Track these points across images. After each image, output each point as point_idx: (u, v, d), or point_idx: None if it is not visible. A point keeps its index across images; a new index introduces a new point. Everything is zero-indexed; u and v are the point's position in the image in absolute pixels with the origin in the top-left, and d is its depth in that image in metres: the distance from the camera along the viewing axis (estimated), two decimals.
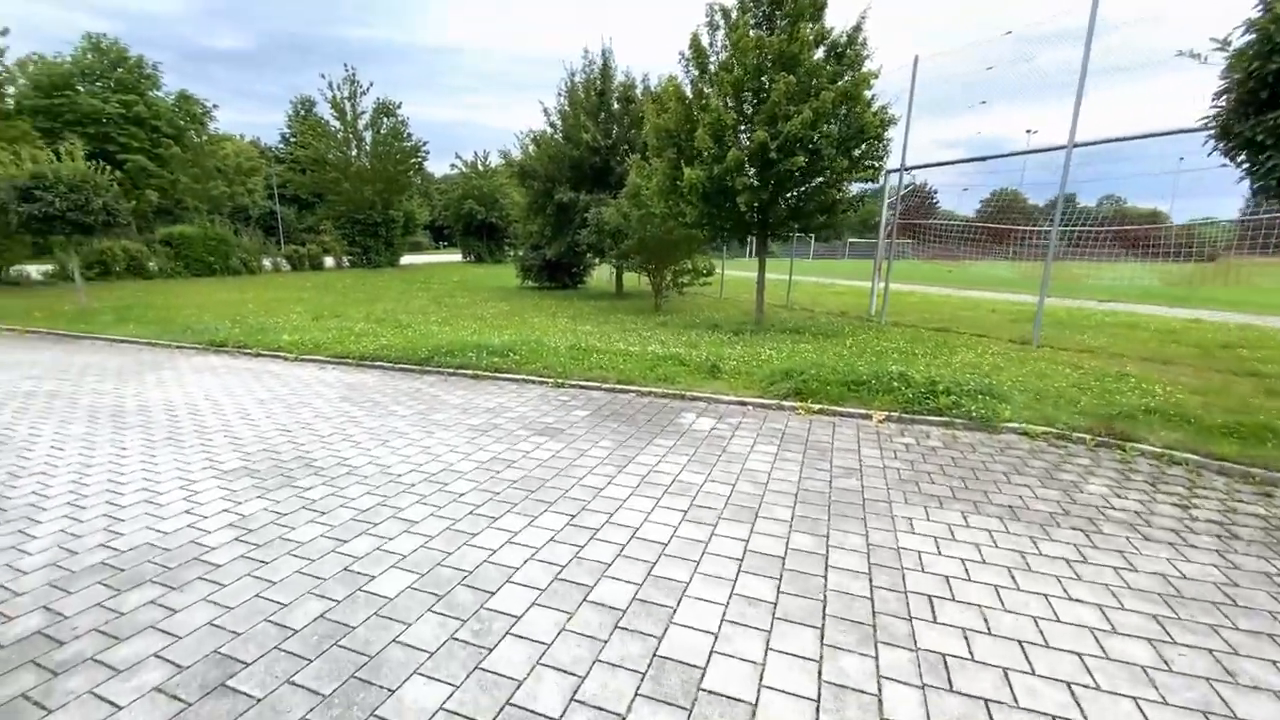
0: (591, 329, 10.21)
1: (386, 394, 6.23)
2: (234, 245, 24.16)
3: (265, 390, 6.41)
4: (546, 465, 4.21)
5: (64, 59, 29.66)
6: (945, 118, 10.00)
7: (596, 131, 15.11)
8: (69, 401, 5.94)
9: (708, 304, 15.06)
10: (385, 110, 30.10)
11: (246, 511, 3.48)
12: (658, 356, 7.33)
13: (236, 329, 9.69)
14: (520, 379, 6.73)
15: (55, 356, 8.36)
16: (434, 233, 61.83)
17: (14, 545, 3.08)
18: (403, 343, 8.31)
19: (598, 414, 5.49)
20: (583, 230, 14.36)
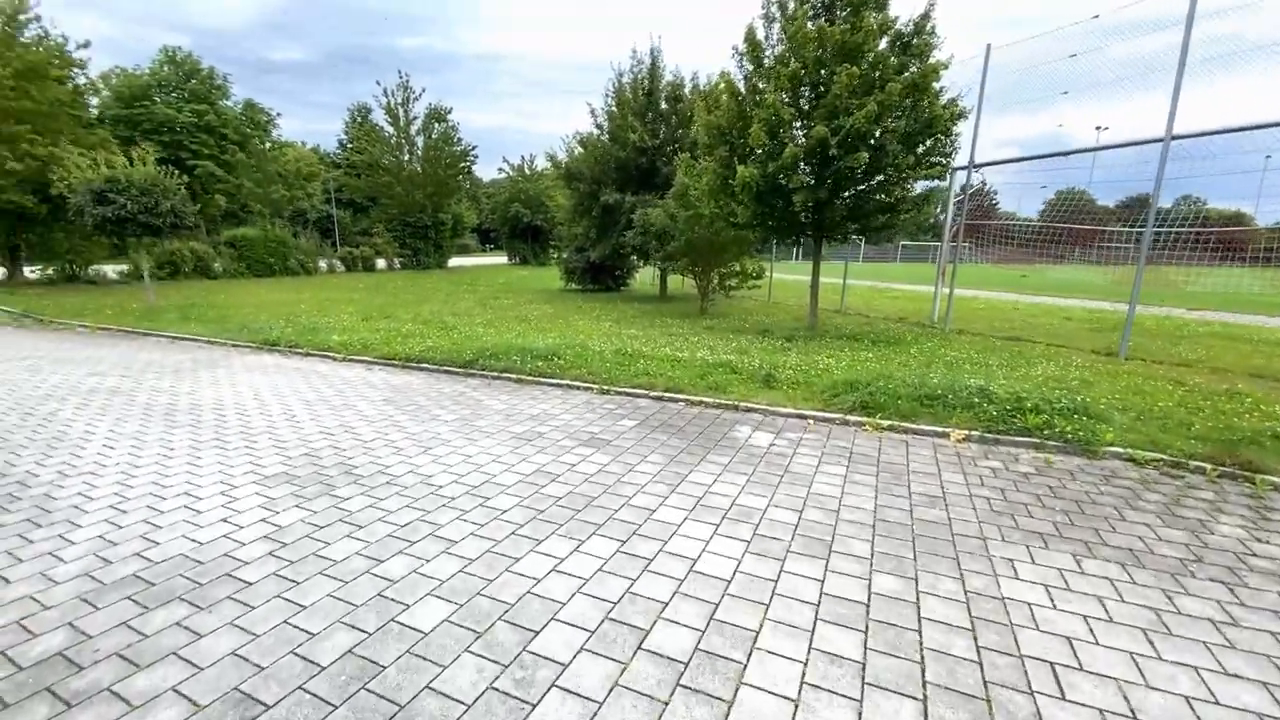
0: (636, 333, 9.93)
1: (430, 397, 6.09)
2: (292, 247, 25.07)
3: (312, 391, 6.38)
4: (593, 481, 3.92)
5: (143, 71, 31.54)
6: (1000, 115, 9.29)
7: (644, 131, 14.85)
8: (127, 399, 6.04)
9: (756, 308, 14.56)
10: (436, 116, 30.76)
11: (283, 522, 3.32)
12: (707, 363, 6.97)
13: (289, 329, 9.85)
14: (565, 384, 6.49)
15: (121, 353, 8.65)
16: (481, 235, 63.06)
17: (52, 551, 3.00)
18: (448, 344, 8.22)
19: (646, 424, 5.17)
20: (628, 232, 14.11)
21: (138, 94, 30.93)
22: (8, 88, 14.99)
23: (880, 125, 8.32)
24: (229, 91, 34.55)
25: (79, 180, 12.11)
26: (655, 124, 15.42)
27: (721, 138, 9.59)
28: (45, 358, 8.16)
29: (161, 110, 30.70)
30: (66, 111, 16.66)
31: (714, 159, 9.68)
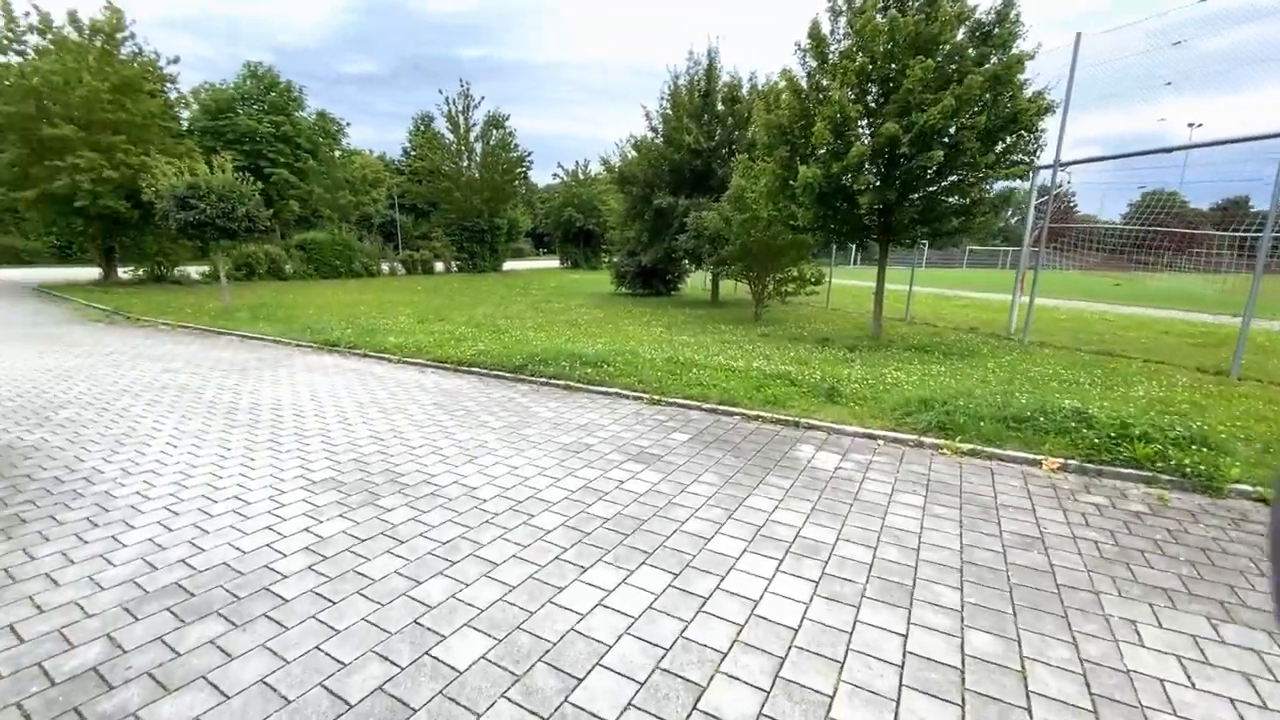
0: (688, 339, 9.63)
1: (479, 403, 6.01)
2: (357, 250, 26.14)
3: (366, 393, 6.42)
4: (643, 501, 3.66)
5: (228, 86, 33.75)
6: (1080, 110, 8.41)
7: (699, 133, 14.56)
8: (195, 396, 6.24)
9: (813, 315, 13.98)
10: (495, 123, 31.46)
11: (325, 533, 3.23)
12: (764, 374, 6.60)
13: (349, 330, 10.10)
14: (613, 393, 6.28)
15: (195, 351, 9.07)
16: (535, 240, 64.26)
17: (103, 554, 3.00)
18: (499, 348, 8.18)
19: (699, 439, 4.88)
20: (680, 236, 13.84)
21: (223, 107, 33.13)
22: (106, 101, 16.23)
23: (957, 121, 7.74)
24: (303, 103, 36.54)
25: (165, 187, 12.90)
26: (711, 125, 15.11)
27: (782, 137, 9.19)
28: (127, 353, 8.64)
29: (244, 122, 32.75)
30: (157, 123, 17.91)
31: (773, 159, 9.29)
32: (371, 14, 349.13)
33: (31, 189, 16.18)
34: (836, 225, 9.41)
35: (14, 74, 15.65)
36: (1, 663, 2.20)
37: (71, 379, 6.92)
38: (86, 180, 15.78)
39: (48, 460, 4.30)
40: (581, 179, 39.51)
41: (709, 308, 15.86)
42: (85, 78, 15.79)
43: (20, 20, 16.16)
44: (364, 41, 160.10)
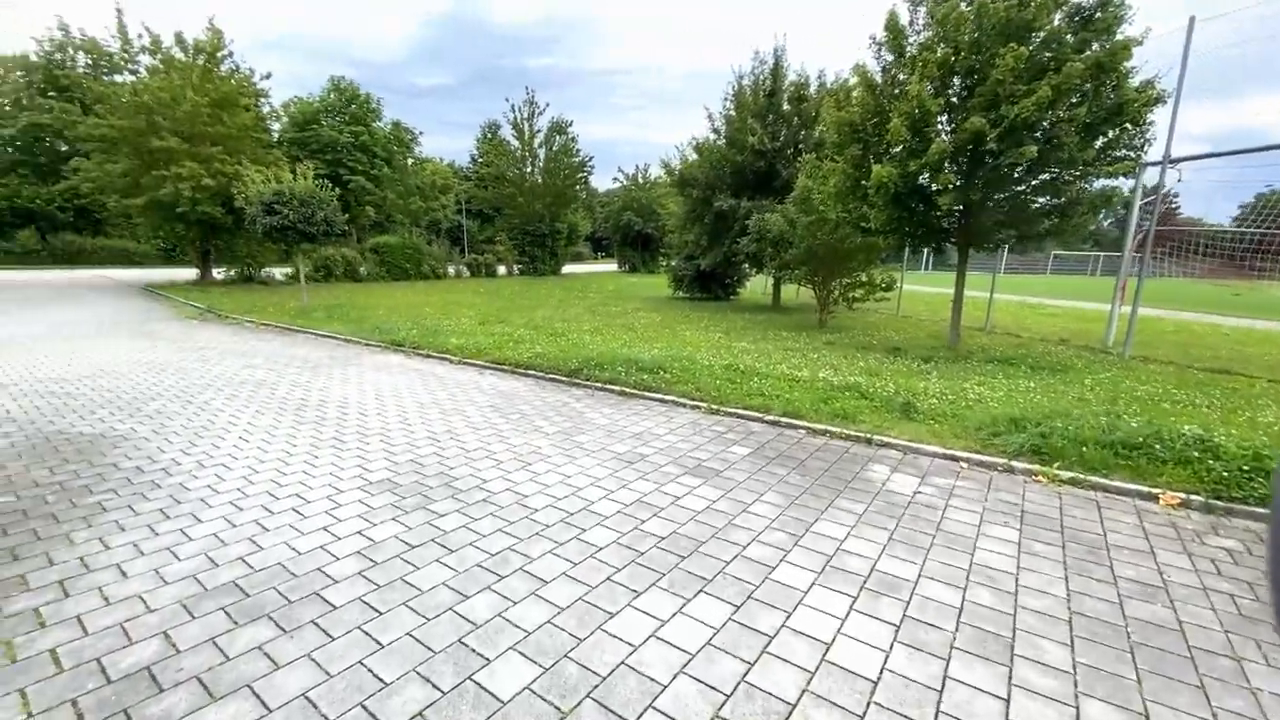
0: (748, 346, 9.31)
1: (534, 406, 5.95)
2: (425, 254, 27.18)
3: (427, 393, 6.51)
4: (700, 520, 3.44)
5: (314, 99, 35.98)
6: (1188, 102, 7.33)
7: (763, 134, 14.17)
8: (269, 392, 6.51)
9: (882, 322, 13.28)
10: (558, 129, 32.00)
11: (378, 537, 3.19)
12: (831, 386, 6.22)
13: (414, 330, 10.38)
14: (670, 400, 6.08)
15: (274, 348, 9.56)
16: (594, 243, 65.07)
17: (171, 546, 3.07)
18: (555, 351, 8.15)
19: (760, 454, 4.60)
20: (741, 239, 13.49)
21: (309, 119, 35.32)
22: (206, 115, 17.58)
23: (1053, 114, 7.08)
24: (380, 113, 38.48)
25: (254, 193, 13.78)
26: (776, 126, 14.67)
27: (853, 135, 8.73)
28: (214, 349, 9.20)
29: (327, 133, 34.80)
30: (250, 135, 19.26)
31: (844, 159, 8.84)
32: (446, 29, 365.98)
33: (141, 196, 17.76)
34: (911, 228, 8.84)
35: (128, 92, 17.24)
36: (65, 655, 2.24)
37: (163, 372, 7.39)
38: (187, 188, 17.15)
39: (133, 450, 4.54)
40: (641, 183, 39.61)
41: (769, 313, 15.39)
42: (189, 94, 17.17)
43: (134, 42, 17.84)
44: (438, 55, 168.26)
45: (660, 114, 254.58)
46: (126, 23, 17.98)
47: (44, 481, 3.91)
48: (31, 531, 3.21)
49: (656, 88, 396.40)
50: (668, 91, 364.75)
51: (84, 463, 4.26)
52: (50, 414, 5.48)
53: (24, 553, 2.98)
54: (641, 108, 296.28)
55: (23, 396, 6.06)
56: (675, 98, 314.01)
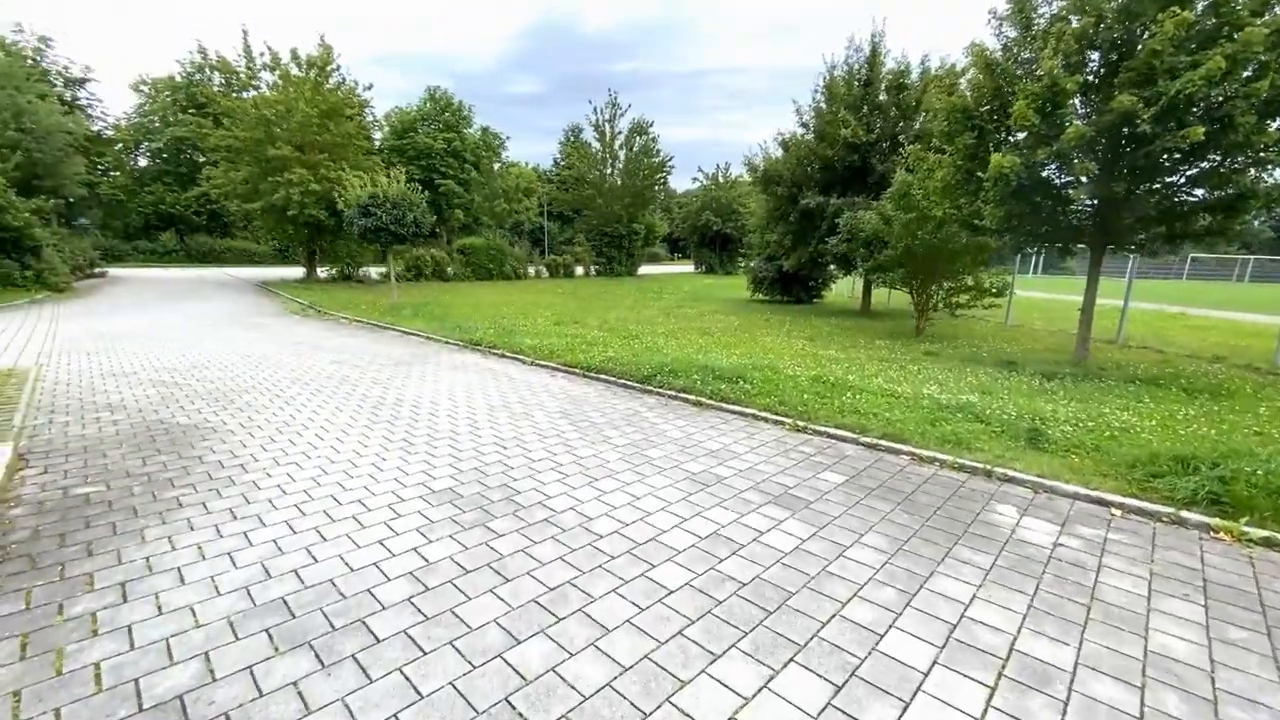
0: (836, 355, 8.57)
1: (604, 414, 5.65)
2: (508, 255, 27.96)
3: (498, 395, 6.39)
4: (788, 564, 2.95)
5: (412, 109, 38.16)
6: None
7: (857, 126, 13.19)
8: (351, 389, 6.64)
9: (988, 331, 11.99)
10: (639, 129, 31.98)
11: (432, 556, 2.96)
12: (939, 405, 5.47)
13: (491, 330, 10.46)
14: (750, 414, 5.57)
15: (362, 344, 9.92)
16: (670, 244, 64.81)
17: (231, 551, 2.99)
18: (628, 355, 7.85)
19: (857, 483, 4.02)
20: (830, 238, 12.62)
21: (407, 127, 37.51)
22: (315, 125, 18.89)
23: (1223, 89, 5.92)
24: (471, 120, 40.22)
25: (353, 197, 14.54)
26: (871, 117, 13.65)
27: (967, 122, 7.80)
28: (308, 344, 9.67)
29: (422, 140, 36.81)
30: (353, 142, 20.52)
31: (955, 148, 7.92)
32: (537, 39, 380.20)
33: (258, 201, 19.38)
34: (1033, 226, 7.79)
35: (250, 105, 18.87)
36: (107, 672, 2.12)
37: (260, 366, 7.78)
38: (297, 193, 18.51)
39: (219, 444, 4.65)
40: (721, 182, 38.86)
41: (858, 318, 14.37)
42: (300, 106, 18.53)
43: (257, 59, 19.52)
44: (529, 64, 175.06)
45: (744, 114, 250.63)
46: (251, 42, 19.69)
47: (135, 472, 4.03)
48: (111, 525, 3.25)
49: (741, 87, 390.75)
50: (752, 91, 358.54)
51: (174, 454, 4.40)
52: (158, 403, 5.81)
53: (99, 548, 3.00)
54: (725, 108, 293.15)
55: (139, 385, 6.51)
56: (760, 97, 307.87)
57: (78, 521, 3.28)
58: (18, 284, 15.48)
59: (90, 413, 5.43)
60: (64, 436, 4.74)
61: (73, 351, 8.39)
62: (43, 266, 16.30)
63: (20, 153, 18.39)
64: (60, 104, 24.44)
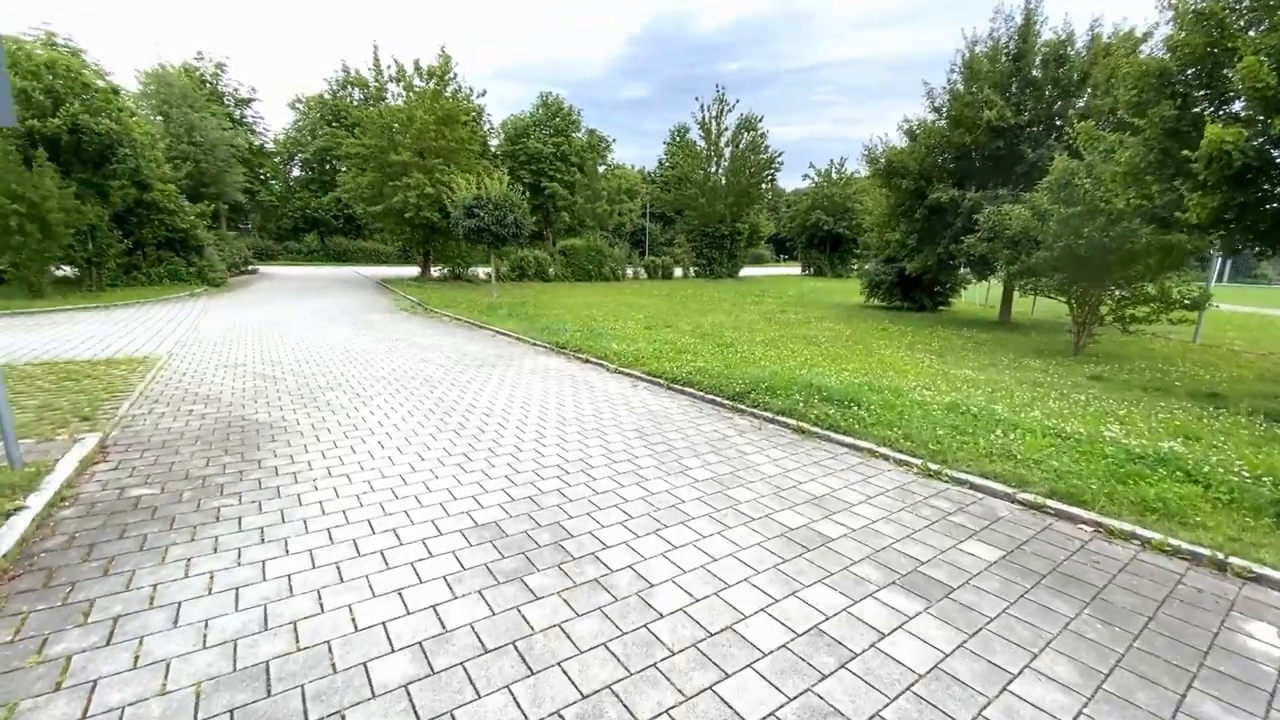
0: (973, 375, 7.17)
1: (685, 436, 4.90)
2: (606, 256, 27.95)
3: (573, 406, 5.86)
4: (922, 699, 2.04)
5: (525, 115, 39.57)
6: None
7: (1004, 107, 11.31)
8: (428, 391, 6.43)
9: (1171, 352, 9.74)
10: (747, 125, 30.73)
11: (451, 622, 2.40)
12: (1128, 453, 4.14)
13: (578, 333, 10.07)
14: (865, 448, 4.56)
15: (454, 343, 9.93)
16: (776, 245, 62.46)
17: (241, 586, 2.61)
18: (720, 367, 7.03)
19: (1017, 563, 2.96)
20: (966, 237, 10.92)
21: (520, 133, 38.94)
22: (432, 131, 19.83)
23: None
24: (580, 124, 40.99)
25: (460, 199, 14.95)
26: (1022, 96, 11.68)
27: (1163, 90, 6.14)
28: (405, 341, 9.82)
29: (533, 145, 38.03)
30: (465, 147, 21.36)
31: (1147, 122, 6.28)
32: (647, 45, 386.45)
33: (380, 204, 20.74)
34: (1258, 221, 5.97)
35: (376, 115, 20.22)
36: None
37: (354, 361, 7.88)
38: (414, 196, 19.54)
39: (283, 446, 4.49)
40: (835, 179, 36.54)
41: (996, 330, 12.42)
42: (419, 114, 19.55)
43: (384, 72, 20.91)
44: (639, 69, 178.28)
45: (858, 108, 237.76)
46: (380, 56, 21.11)
47: (194, 474, 3.90)
48: (141, 539, 3.03)
49: (854, 81, 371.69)
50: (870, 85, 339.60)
51: (238, 455, 4.27)
52: (250, 397, 5.89)
53: (117, 566, 2.76)
54: (837, 104, 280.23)
55: (243, 378, 6.74)
56: (879, 90, 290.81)
57: (114, 530, 3.10)
58: (183, 279, 17.60)
59: (186, 405, 5.57)
60: (153, 429, 4.82)
61: (202, 342, 9.06)
62: (204, 264, 18.45)
63: (190, 163, 21.03)
64: (230, 121, 27.89)
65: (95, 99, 14.94)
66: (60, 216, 13.10)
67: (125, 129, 15.11)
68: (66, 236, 13.58)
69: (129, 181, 15.52)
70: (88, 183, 14.76)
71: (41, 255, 13.21)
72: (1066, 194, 8.32)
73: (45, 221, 12.79)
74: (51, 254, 13.52)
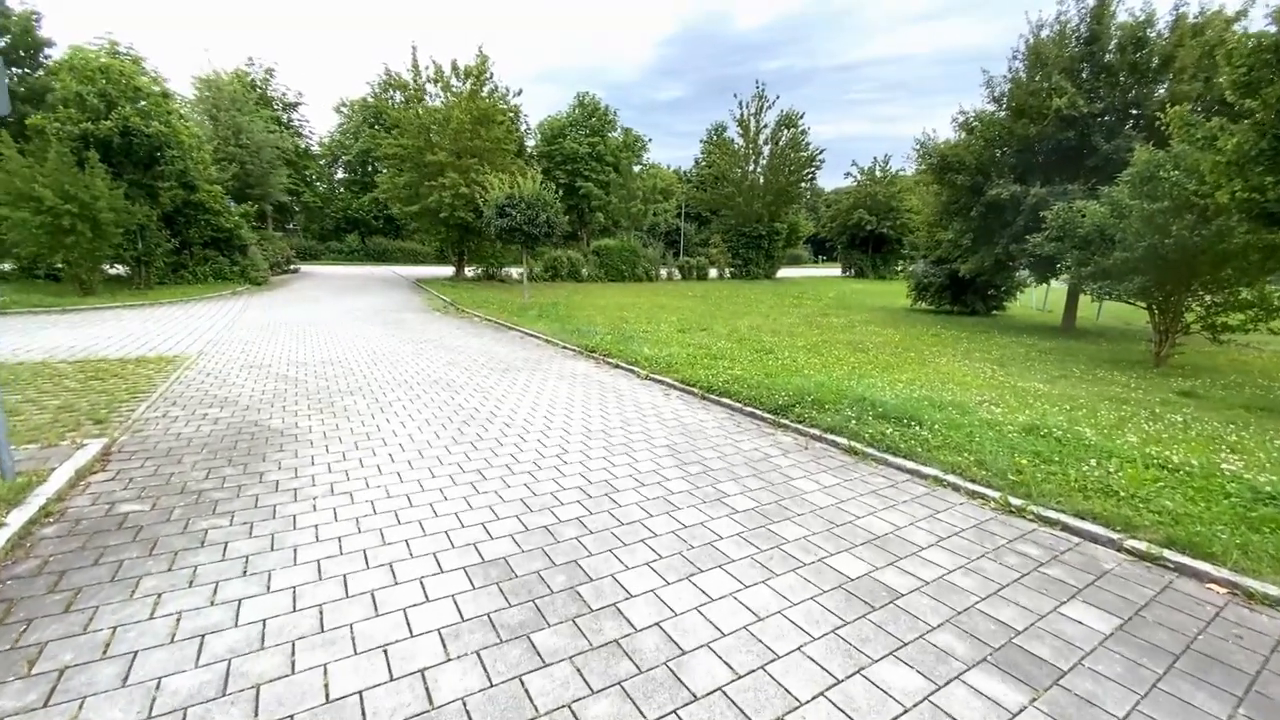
0: (1043, 389, 6.45)
1: (722, 455, 4.41)
2: (640, 256, 27.53)
3: (600, 417, 5.44)
4: None
5: (561, 116, 39.55)
6: None
7: (1075, 95, 10.37)
8: (449, 397, 6.11)
9: (1268, 365, 8.70)
10: (787, 121, 29.85)
11: (440, 695, 2.00)
12: (1253, 491, 3.45)
13: (609, 336, 9.67)
14: (931, 475, 3.98)
15: (483, 344, 9.66)
16: (814, 246, 60.96)
17: (205, 634, 2.27)
18: (760, 375, 6.50)
19: (1141, 637, 2.37)
20: (1032, 236, 10.04)
21: (556, 134, 38.92)
22: (468, 131, 19.80)
23: None
24: (616, 124, 40.74)
25: (493, 198, 14.76)
26: (1095, 83, 10.70)
27: None
28: (433, 342, 9.60)
29: (569, 146, 37.94)
30: (500, 146, 21.28)
31: (1259, 104, 5.46)
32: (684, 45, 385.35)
33: (417, 205, 20.85)
34: None
35: (414, 116, 20.33)
36: None
37: (379, 363, 7.66)
38: (449, 196, 19.55)
39: (290, 458, 4.20)
40: (878, 177, 35.25)
41: (1059, 337, 11.47)
42: (456, 114, 19.55)
43: (423, 73, 20.99)
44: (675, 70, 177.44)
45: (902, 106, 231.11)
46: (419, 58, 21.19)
47: (191, 488, 3.63)
48: (116, 565, 2.73)
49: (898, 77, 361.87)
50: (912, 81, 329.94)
51: (242, 466, 4.00)
52: (264, 401, 5.68)
53: (80, 601, 2.45)
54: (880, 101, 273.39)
55: (265, 379, 6.56)
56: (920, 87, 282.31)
57: (90, 554, 2.82)
58: (227, 277, 18.00)
59: (203, 408, 5.39)
60: (162, 434, 4.62)
61: (234, 341, 9.02)
62: (247, 263, 18.83)
63: (236, 165, 21.56)
64: (277, 124, 28.60)
65: (146, 103, 15.37)
66: (110, 216, 13.45)
67: (174, 131, 15.47)
68: (116, 236, 13.95)
69: (177, 183, 15.91)
70: (137, 184, 15.17)
71: (92, 254, 13.60)
72: (1150, 188, 7.47)
73: (96, 221, 13.14)
74: (102, 253, 13.91)
